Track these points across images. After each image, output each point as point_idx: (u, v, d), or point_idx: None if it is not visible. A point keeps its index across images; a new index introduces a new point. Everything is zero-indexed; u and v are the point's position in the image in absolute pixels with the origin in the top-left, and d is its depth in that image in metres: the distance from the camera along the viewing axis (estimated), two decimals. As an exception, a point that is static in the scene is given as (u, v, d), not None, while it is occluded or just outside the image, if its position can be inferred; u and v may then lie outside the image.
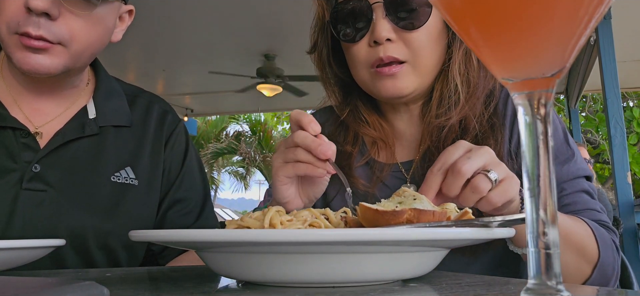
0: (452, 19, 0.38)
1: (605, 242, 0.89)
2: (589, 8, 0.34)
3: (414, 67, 0.97)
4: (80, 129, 1.11)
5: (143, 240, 0.57)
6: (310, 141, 0.81)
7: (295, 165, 0.83)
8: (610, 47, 3.99)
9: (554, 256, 0.36)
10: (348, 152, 1.09)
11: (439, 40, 0.98)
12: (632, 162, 7.65)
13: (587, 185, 0.97)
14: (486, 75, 1.00)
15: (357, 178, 1.06)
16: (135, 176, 1.14)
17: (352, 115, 1.11)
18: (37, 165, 1.04)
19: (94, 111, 1.14)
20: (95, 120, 1.13)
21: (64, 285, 0.35)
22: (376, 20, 0.95)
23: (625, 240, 3.67)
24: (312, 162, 0.82)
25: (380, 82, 0.97)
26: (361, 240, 0.47)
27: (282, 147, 0.86)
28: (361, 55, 0.98)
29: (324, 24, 1.07)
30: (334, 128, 1.15)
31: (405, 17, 0.94)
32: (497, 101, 1.02)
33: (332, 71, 1.10)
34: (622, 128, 3.83)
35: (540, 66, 0.36)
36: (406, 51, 0.96)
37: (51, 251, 0.77)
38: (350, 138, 1.11)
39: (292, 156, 0.83)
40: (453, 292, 0.50)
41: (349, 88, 1.10)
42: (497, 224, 0.58)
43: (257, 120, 16.20)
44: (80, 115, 1.13)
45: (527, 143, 0.37)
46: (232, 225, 0.65)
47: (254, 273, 0.53)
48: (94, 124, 1.13)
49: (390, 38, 0.94)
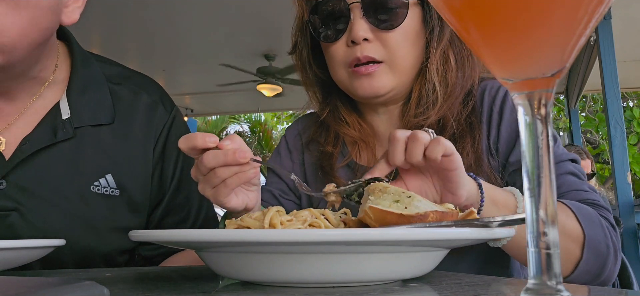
0: (452, 19, 0.38)
1: (590, 219, 0.86)
2: (589, 8, 0.34)
3: (391, 67, 0.97)
4: (51, 134, 0.95)
5: (143, 240, 0.57)
6: (223, 157, 0.76)
7: (226, 183, 0.78)
8: (610, 47, 3.99)
9: (554, 256, 0.36)
10: (329, 153, 1.10)
11: (416, 40, 0.99)
12: (632, 162, 7.65)
13: (573, 167, 0.95)
14: (464, 75, 1.01)
15: (338, 178, 1.06)
16: (116, 185, 0.99)
17: (332, 115, 1.11)
18: (2, 181, 0.91)
19: (67, 110, 0.98)
20: (69, 121, 0.97)
21: (64, 285, 0.35)
22: (354, 20, 0.96)
23: (625, 240, 3.67)
24: (236, 171, 0.78)
25: (357, 82, 0.98)
26: (361, 240, 0.47)
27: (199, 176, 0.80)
28: (339, 54, 0.99)
29: (303, 24, 1.07)
30: (315, 129, 1.16)
31: (382, 17, 0.95)
32: (475, 99, 1.02)
33: (312, 71, 1.11)
34: (622, 128, 3.84)
35: (540, 66, 0.36)
36: (383, 51, 0.96)
37: (50, 251, 0.77)
38: (331, 139, 1.11)
39: (216, 179, 0.78)
40: (453, 292, 0.50)
41: (329, 88, 1.11)
42: (497, 224, 0.58)
43: (257, 120, 16.20)
44: (51, 116, 0.96)
45: (527, 143, 0.37)
46: (232, 225, 0.65)
47: (254, 273, 0.53)
48: (69, 126, 0.97)
49: (367, 38, 0.95)
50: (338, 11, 0.98)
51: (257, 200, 0.89)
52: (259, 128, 16.15)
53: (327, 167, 1.08)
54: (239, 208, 0.85)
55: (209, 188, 0.80)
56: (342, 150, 1.12)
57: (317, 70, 1.10)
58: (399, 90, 1.01)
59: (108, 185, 0.98)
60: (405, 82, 1.01)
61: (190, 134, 0.77)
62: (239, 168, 0.78)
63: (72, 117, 0.97)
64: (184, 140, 0.77)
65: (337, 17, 0.98)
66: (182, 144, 0.77)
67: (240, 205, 0.84)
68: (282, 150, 1.19)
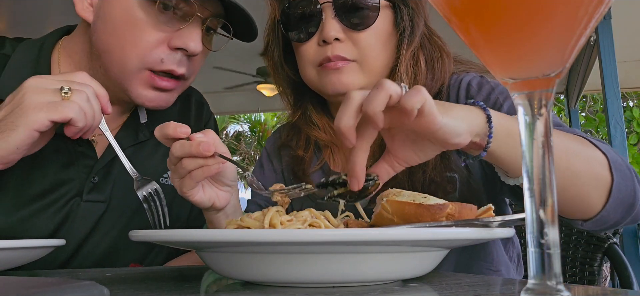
0: (453, 19, 0.38)
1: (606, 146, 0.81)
2: (589, 8, 0.34)
3: (362, 66, 0.98)
4: (134, 136, 1.09)
5: (143, 240, 0.57)
6: (188, 147, 0.78)
7: (191, 175, 0.81)
8: (610, 47, 3.99)
9: (554, 257, 0.36)
10: (300, 157, 1.09)
11: (387, 42, 1.00)
12: (632, 162, 7.64)
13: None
14: (433, 77, 1.01)
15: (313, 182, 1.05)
16: None
17: (303, 118, 1.11)
18: (95, 176, 1.02)
19: (145, 115, 1.12)
20: (146, 125, 1.11)
21: (64, 285, 0.35)
22: (325, 20, 0.97)
23: (625, 240, 3.66)
24: (201, 164, 0.80)
25: (326, 78, 0.98)
26: (361, 240, 0.47)
27: (171, 165, 0.83)
28: (310, 54, 1.00)
29: (275, 24, 1.08)
30: (286, 133, 1.16)
31: (354, 18, 0.96)
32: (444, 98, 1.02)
33: (284, 73, 1.11)
34: (622, 128, 3.83)
35: (540, 66, 0.36)
36: (354, 50, 0.97)
37: (50, 251, 0.77)
38: (302, 143, 1.11)
39: (183, 170, 0.80)
40: (453, 292, 0.50)
41: (301, 91, 1.11)
42: (497, 224, 0.58)
43: (257, 120, 16.20)
44: (132, 120, 1.10)
45: (527, 143, 0.37)
46: (232, 225, 0.65)
47: (254, 273, 0.53)
48: (146, 129, 1.10)
49: (338, 37, 0.96)
50: (310, 11, 0.98)
51: (228, 201, 0.90)
52: (258, 128, 16.14)
53: (299, 172, 1.08)
54: (204, 204, 0.87)
55: (177, 179, 0.83)
56: (317, 155, 1.12)
57: (288, 72, 1.10)
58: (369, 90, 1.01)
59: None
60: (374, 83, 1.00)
61: (165, 123, 0.81)
62: (203, 161, 0.79)
63: (149, 122, 1.11)
64: (158, 129, 0.81)
65: (309, 17, 0.99)
66: (157, 132, 0.81)
67: (206, 201, 0.87)
68: (263, 160, 1.20)
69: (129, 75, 0.97)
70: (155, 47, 0.95)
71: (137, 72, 0.97)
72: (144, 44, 0.95)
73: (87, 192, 1.01)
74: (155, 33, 0.95)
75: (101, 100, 0.86)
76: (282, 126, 1.23)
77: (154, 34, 0.95)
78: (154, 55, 0.95)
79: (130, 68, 0.96)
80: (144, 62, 0.96)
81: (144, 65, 0.96)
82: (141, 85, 0.98)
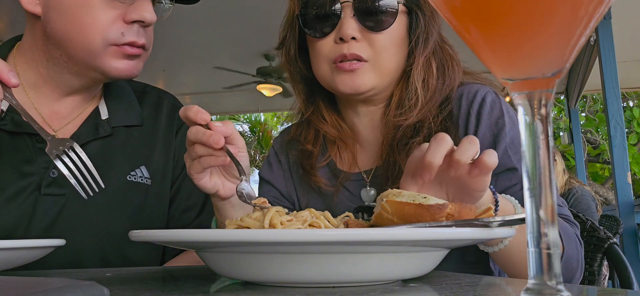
0: (453, 19, 0.38)
1: (569, 235, 0.90)
2: (589, 8, 0.34)
3: (374, 67, 1.01)
4: (94, 131, 1.10)
5: (143, 240, 0.57)
6: (201, 134, 0.83)
7: (200, 160, 0.86)
8: (610, 47, 3.99)
9: (554, 257, 0.36)
10: (309, 151, 1.12)
11: (401, 45, 1.04)
12: (632, 162, 7.65)
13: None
14: (444, 83, 1.06)
15: (319, 177, 1.09)
16: (149, 175, 1.15)
17: (315, 113, 1.14)
18: (54, 171, 1.03)
19: (106, 112, 1.14)
20: (107, 121, 1.13)
21: (64, 285, 0.35)
22: (344, 19, 1.00)
23: (625, 240, 3.66)
24: (210, 153, 0.85)
25: (339, 77, 1.01)
26: (361, 240, 0.47)
27: (188, 146, 0.88)
28: (325, 50, 1.03)
29: (293, 18, 1.10)
30: (295, 128, 1.19)
31: (371, 19, 1.00)
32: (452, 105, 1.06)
33: (298, 68, 1.13)
34: (622, 128, 3.83)
35: (540, 66, 0.36)
36: (369, 51, 1.00)
37: (50, 251, 0.77)
38: (311, 137, 1.14)
39: (194, 153, 0.86)
40: (453, 292, 0.50)
41: (313, 87, 1.14)
42: (497, 224, 0.58)
43: (257, 120, 16.20)
44: (93, 116, 1.13)
45: (527, 143, 0.37)
46: (232, 225, 0.65)
47: (254, 273, 0.53)
48: (107, 125, 1.13)
49: (355, 37, 0.99)
50: (329, 9, 1.01)
51: (233, 192, 0.92)
52: (258, 128, 16.14)
53: (307, 166, 1.11)
54: (209, 190, 0.91)
55: (189, 160, 0.88)
56: (323, 151, 1.15)
57: (302, 67, 1.13)
58: (379, 91, 1.05)
59: (143, 175, 1.14)
60: (385, 84, 1.04)
61: (190, 105, 0.86)
62: (211, 151, 0.84)
63: (110, 118, 1.14)
64: (183, 109, 0.86)
65: (328, 14, 1.01)
66: (181, 112, 0.86)
67: (210, 187, 0.90)
68: (271, 158, 1.22)
69: (96, 54, 1.01)
70: (112, 23, 1.00)
71: (103, 49, 1.01)
72: (102, 22, 0.99)
73: (45, 185, 1.03)
74: (110, 11, 1.00)
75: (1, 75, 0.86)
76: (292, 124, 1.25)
77: (109, 11, 1.00)
78: (114, 30, 1.00)
79: (95, 48, 1.00)
80: (106, 39, 1.00)
81: (108, 42, 1.00)
82: (112, 58, 1.02)
